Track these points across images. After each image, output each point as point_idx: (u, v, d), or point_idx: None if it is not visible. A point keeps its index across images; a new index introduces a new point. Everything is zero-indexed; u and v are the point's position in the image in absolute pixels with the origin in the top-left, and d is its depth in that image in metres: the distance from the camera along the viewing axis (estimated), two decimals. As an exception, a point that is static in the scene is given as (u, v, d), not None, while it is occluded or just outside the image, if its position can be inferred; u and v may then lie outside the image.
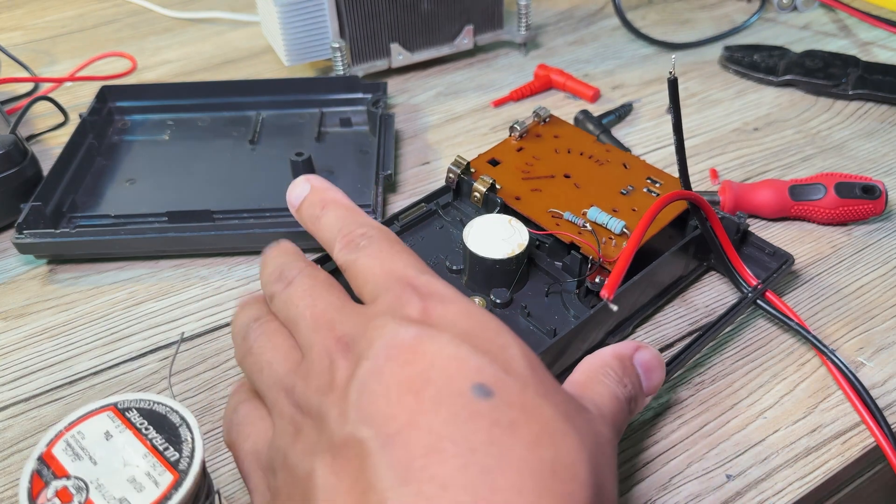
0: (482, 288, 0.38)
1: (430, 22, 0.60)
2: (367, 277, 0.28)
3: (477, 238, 0.37)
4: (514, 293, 0.38)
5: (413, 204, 0.42)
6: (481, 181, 0.41)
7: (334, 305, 0.27)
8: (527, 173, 0.43)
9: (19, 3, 0.77)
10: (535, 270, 0.39)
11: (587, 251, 0.37)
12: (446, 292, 0.26)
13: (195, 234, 0.43)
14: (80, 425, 0.26)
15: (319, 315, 0.27)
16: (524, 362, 0.24)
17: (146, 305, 0.42)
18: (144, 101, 0.55)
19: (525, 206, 0.40)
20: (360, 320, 0.26)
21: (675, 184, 0.42)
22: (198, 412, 0.36)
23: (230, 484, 0.33)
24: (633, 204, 0.41)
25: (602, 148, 0.45)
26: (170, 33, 0.71)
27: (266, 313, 0.30)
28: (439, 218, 0.43)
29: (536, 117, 0.46)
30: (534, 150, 0.44)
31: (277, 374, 0.27)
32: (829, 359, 0.36)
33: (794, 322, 0.38)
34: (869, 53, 0.63)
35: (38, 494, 0.23)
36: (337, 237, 0.30)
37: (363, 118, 0.54)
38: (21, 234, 0.42)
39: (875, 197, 0.44)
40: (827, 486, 0.33)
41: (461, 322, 0.25)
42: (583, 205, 0.40)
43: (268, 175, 0.49)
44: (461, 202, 0.43)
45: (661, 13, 0.71)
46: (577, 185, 0.42)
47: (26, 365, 0.39)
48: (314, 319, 0.27)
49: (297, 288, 0.29)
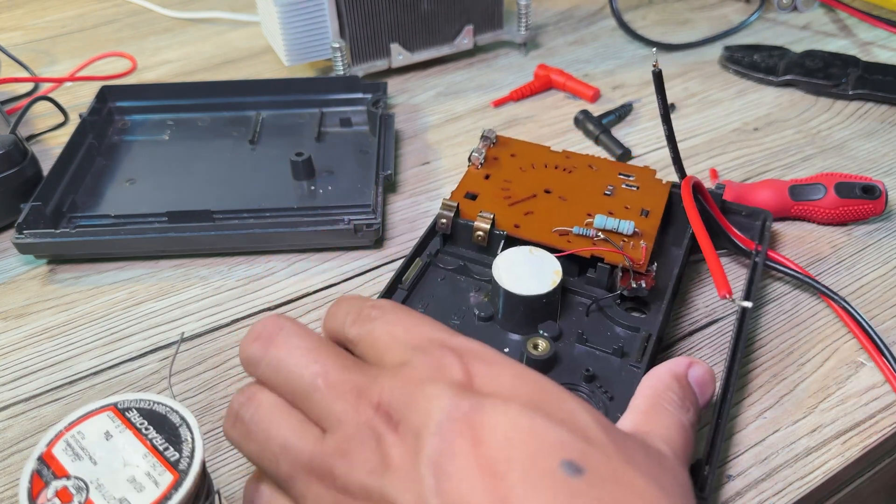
0: (520, 327, 0.36)
1: (430, 22, 0.60)
2: (389, 343, 0.25)
3: (511, 278, 0.35)
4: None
5: (406, 263, 0.39)
6: (481, 219, 0.39)
7: (347, 367, 0.25)
8: (509, 199, 0.41)
9: (19, 3, 0.77)
10: (564, 293, 0.38)
11: (613, 259, 0.37)
12: (486, 353, 0.25)
13: (195, 234, 0.43)
14: (80, 425, 0.26)
15: (337, 380, 0.24)
16: (598, 427, 0.23)
17: (146, 305, 0.42)
18: (144, 101, 0.55)
19: (529, 232, 0.39)
20: (397, 385, 0.23)
21: (645, 173, 0.43)
22: (198, 412, 0.36)
23: (230, 484, 0.33)
24: (623, 202, 0.41)
25: (561, 155, 0.45)
26: (170, 33, 0.71)
27: (253, 388, 0.26)
28: (437, 269, 0.40)
29: (486, 140, 0.45)
30: (501, 174, 0.43)
31: (300, 456, 0.24)
32: (841, 306, 0.39)
33: (803, 275, 0.40)
34: (869, 53, 0.63)
35: (38, 494, 0.23)
36: (346, 319, 0.27)
37: (363, 118, 0.54)
38: (21, 234, 0.42)
39: (875, 197, 0.44)
40: (827, 486, 0.33)
41: (520, 387, 0.23)
42: (579, 215, 0.40)
43: (268, 175, 0.49)
44: (453, 245, 0.41)
45: (661, 13, 0.71)
46: (561, 197, 0.41)
47: (26, 365, 0.39)
48: (331, 386, 0.24)
49: (285, 347, 0.25)
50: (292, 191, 0.48)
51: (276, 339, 0.26)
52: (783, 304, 0.41)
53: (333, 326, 0.28)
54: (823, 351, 0.38)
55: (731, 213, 0.43)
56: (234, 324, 0.41)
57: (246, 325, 0.41)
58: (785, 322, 0.39)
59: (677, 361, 0.30)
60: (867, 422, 0.34)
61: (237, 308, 0.42)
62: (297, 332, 0.26)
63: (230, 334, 0.40)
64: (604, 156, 0.52)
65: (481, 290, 0.39)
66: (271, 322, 0.26)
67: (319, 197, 0.47)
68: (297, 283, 0.43)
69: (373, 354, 0.26)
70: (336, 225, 0.43)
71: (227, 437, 0.26)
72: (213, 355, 0.39)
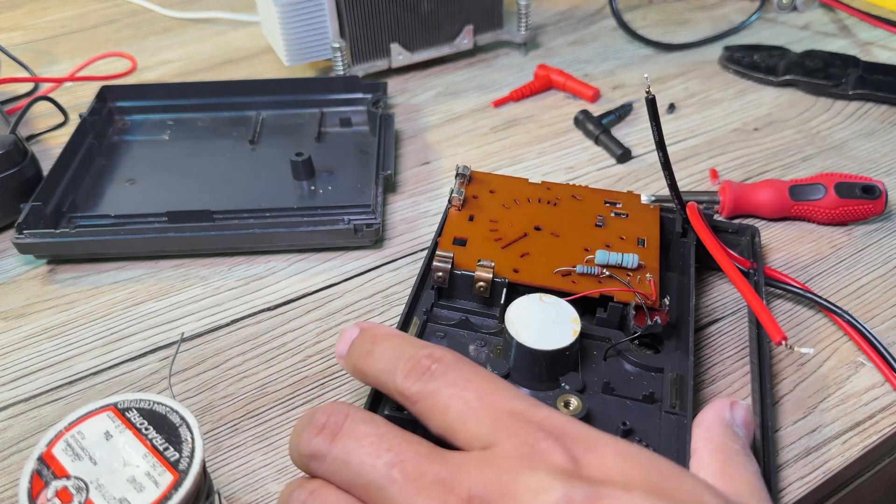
0: (538, 382, 0.33)
1: (430, 22, 0.60)
2: (463, 413, 0.22)
3: (528, 333, 0.32)
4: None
5: (403, 323, 0.36)
6: (481, 268, 0.36)
7: (425, 455, 0.22)
8: (500, 241, 0.39)
9: (19, 3, 0.77)
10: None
11: (624, 298, 0.35)
12: (581, 430, 0.22)
13: (195, 234, 0.43)
14: (80, 425, 0.26)
15: (416, 471, 0.21)
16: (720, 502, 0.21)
17: (146, 305, 0.42)
18: (144, 101, 0.55)
19: (530, 276, 0.37)
20: (490, 475, 0.21)
21: (630, 198, 0.42)
22: (198, 412, 0.36)
23: (230, 484, 0.33)
24: (616, 232, 0.39)
25: (541, 186, 0.42)
26: (170, 33, 0.71)
27: (314, 484, 0.23)
28: (436, 324, 0.37)
29: (462, 178, 0.42)
30: (485, 214, 0.41)
31: None
32: (843, 318, 0.38)
33: (802, 290, 0.40)
34: (869, 53, 0.63)
35: (38, 494, 0.23)
36: (397, 365, 0.25)
37: (363, 118, 0.54)
38: (21, 234, 0.42)
39: (875, 197, 0.44)
40: (827, 486, 0.33)
41: (632, 470, 0.21)
42: (577, 251, 0.38)
43: (268, 175, 0.49)
44: (449, 298, 0.38)
45: (661, 13, 0.71)
46: (554, 233, 0.39)
47: (26, 365, 0.39)
48: (410, 479, 0.21)
49: (353, 437, 0.22)
50: (292, 191, 0.48)
51: (343, 428, 0.23)
52: (782, 304, 0.41)
53: (379, 373, 0.25)
54: (823, 351, 0.38)
55: (720, 231, 0.42)
56: (233, 324, 0.41)
57: (246, 325, 0.41)
58: (784, 322, 0.39)
59: (720, 406, 0.29)
60: (867, 422, 0.34)
61: (237, 308, 0.42)
62: (364, 418, 0.23)
63: (230, 334, 0.40)
64: (604, 156, 0.52)
65: (487, 343, 0.36)
66: (336, 410, 0.24)
67: (319, 197, 0.47)
68: (297, 283, 0.43)
69: (441, 423, 0.23)
70: (336, 225, 0.43)
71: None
72: (213, 355, 0.39)
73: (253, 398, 0.36)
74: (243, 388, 0.37)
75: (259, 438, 0.35)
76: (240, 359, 0.39)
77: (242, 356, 0.39)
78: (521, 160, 0.52)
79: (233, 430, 0.35)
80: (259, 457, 0.34)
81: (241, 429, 0.35)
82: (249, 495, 0.32)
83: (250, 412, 0.36)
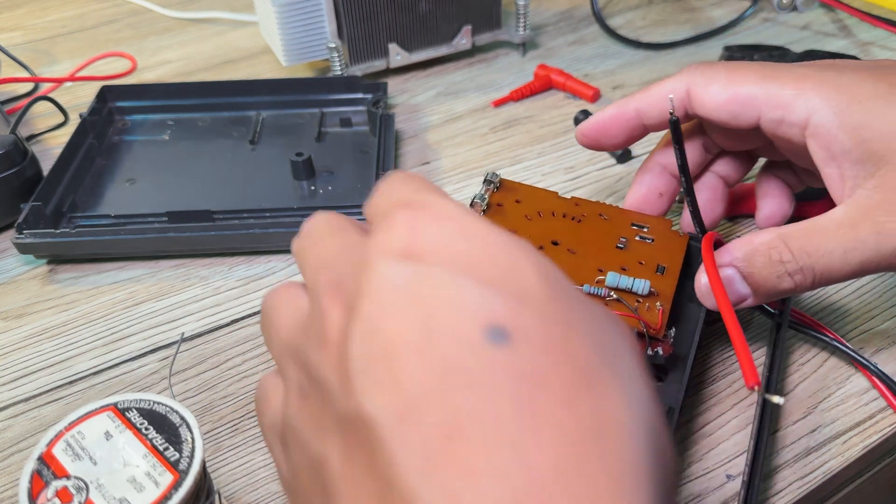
0: None
1: (428, 22, 0.60)
2: (369, 208, 0.23)
3: None
4: None
5: None
6: None
7: (342, 244, 0.22)
8: None
9: (19, 3, 0.77)
10: None
11: (628, 324, 0.34)
12: (441, 206, 0.21)
13: (195, 234, 0.43)
14: (80, 425, 0.26)
15: (320, 255, 0.23)
16: (540, 281, 0.19)
17: (146, 305, 0.42)
18: (144, 101, 0.55)
19: None
20: (354, 254, 0.21)
21: (660, 223, 0.39)
22: (198, 412, 0.36)
23: (230, 484, 0.33)
24: (637, 257, 0.37)
25: (570, 202, 0.41)
26: (170, 33, 0.71)
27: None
28: None
29: (489, 185, 0.41)
30: (505, 223, 0.39)
31: (282, 334, 0.23)
32: (876, 375, 0.36)
33: (836, 340, 0.38)
34: (869, 53, 0.63)
35: (38, 494, 0.23)
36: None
37: (363, 118, 0.54)
38: (21, 234, 0.42)
39: (875, 197, 0.44)
40: (827, 486, 0.33)
41: (456, 245, 0.19)
42: (590, 271, 0.36)
43: (268, 175, 0.49)
44: None
45: (661, 13, 0.71)
46: (570, 250, 0.38)
47: (26, 365, 0.39)
48: (316, 261, 0.23)
49: (307, 233, 0.24)
50: (292, 191, 0.48)
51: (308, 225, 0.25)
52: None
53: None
54: (823, 351, 0.38)
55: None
56: (234, 324, 0.41)
57: (246, 325, 0.41)
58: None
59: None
60: (867, 422, 0.34)
61: (237, 308, 0.42)
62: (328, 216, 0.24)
63: (230, 334, 0.40)
64: (604, 156, 0.52)
65: None
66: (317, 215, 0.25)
67: (319, 197, 0.47)
68: (297, 283, 0.43)
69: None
70: (336, 225, 0.43)
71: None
72: (212, 355, 0.39)
73: (253, 398, 0.36)
74: (243, 388, 0.37)
75: (259, 438, 0.35)
76: (240, 359, 0.39)
77: (242, 356, 0.39)
78: (522, 160, 0.52)
79: (233, 430, 0.35)
80: (259, 457, 0.34)
81: (241, 429, 0.35)
82: (249, 495, 0.32)
83: (250, 412, 0.36)
